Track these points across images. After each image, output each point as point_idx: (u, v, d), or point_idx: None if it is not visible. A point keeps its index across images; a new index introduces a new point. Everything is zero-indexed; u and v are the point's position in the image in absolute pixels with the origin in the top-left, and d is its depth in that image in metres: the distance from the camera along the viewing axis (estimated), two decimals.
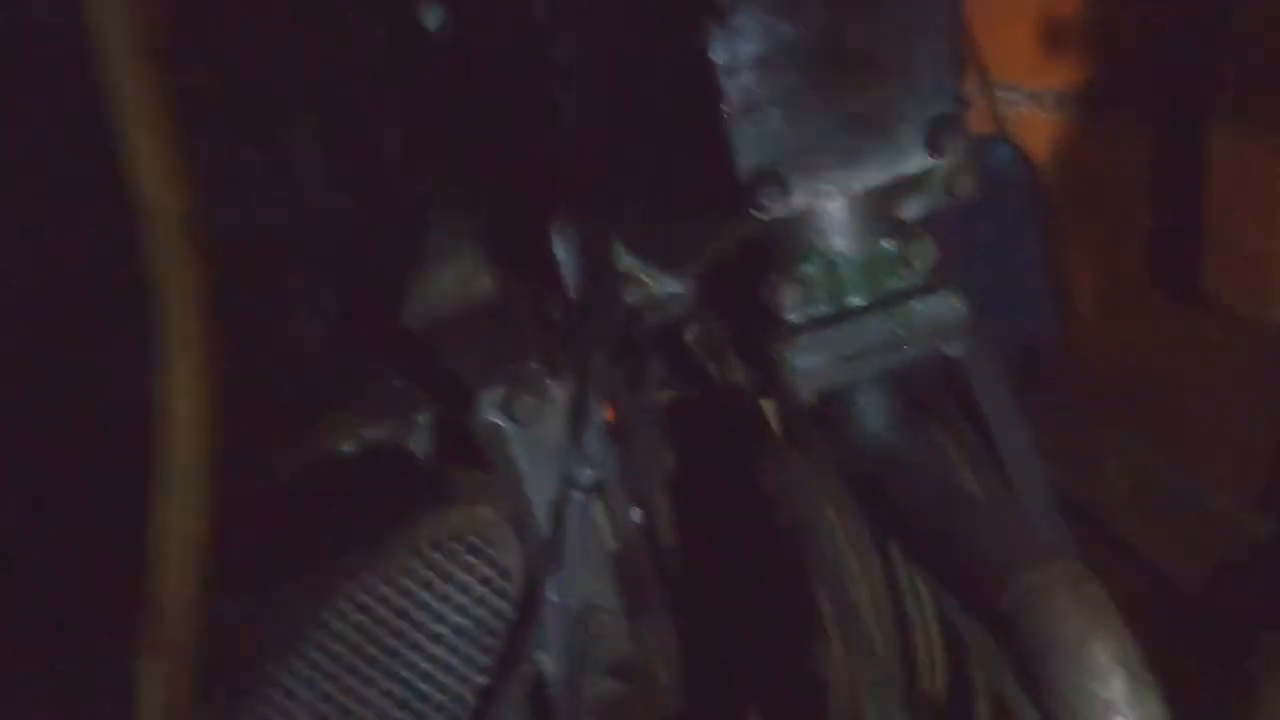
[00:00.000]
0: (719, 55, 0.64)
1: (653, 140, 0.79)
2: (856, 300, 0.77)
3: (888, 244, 0.76)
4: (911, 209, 0.89)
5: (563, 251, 0.90)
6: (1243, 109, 1.39)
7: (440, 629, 0.58)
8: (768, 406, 1.13)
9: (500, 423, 0.77)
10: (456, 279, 0.97)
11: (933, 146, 0.68)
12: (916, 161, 0.68)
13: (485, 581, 0.58)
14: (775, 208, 0.67)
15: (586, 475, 0.57)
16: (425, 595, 0.57)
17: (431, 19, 0.91)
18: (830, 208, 0.74)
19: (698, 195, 0.75)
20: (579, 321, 0.58)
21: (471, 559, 0.57)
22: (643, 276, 0.88)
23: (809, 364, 0.75)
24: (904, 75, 0.66)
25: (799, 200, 0.68)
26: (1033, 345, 2.28)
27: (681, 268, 0.88)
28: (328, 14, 0.90)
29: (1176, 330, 1.73)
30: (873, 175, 0.69)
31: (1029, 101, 2.22)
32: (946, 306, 0.76)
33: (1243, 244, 1.43)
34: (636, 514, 0.89)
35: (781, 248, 0.76)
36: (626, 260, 0.88)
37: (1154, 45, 1.68)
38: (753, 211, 0.67)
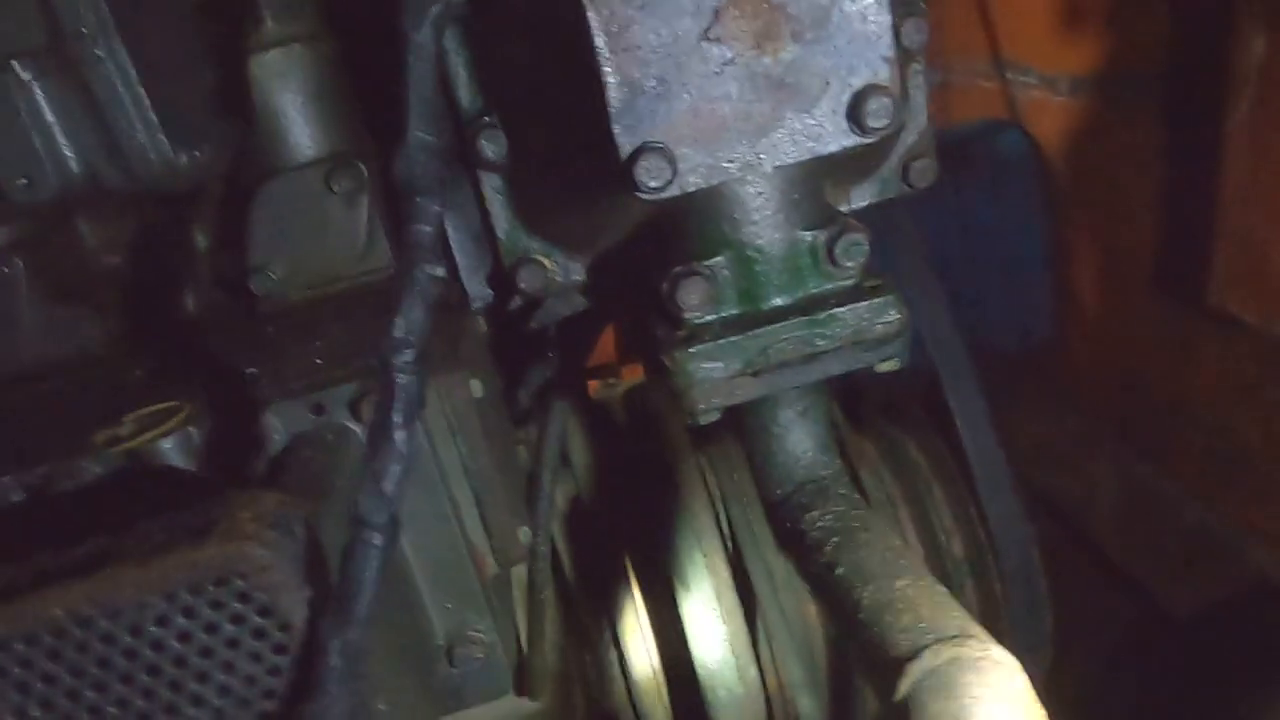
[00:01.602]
0: None
1: (548, 106, 0.67)
2: (774, 302, 0.65)
3: (814, 238, 0.64)
4: (860, 197, 0.78)
5: (452, 224, 0.79)
6: (1262, 101, 1.25)
7: (203, 690, 0.47)
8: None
9: (350, 425, 0.66)
10: (345, 252, 0.86)
11: (856, 122, 0.55)
12: (836, 138, 0.56)
13: (258, 634, 0.47)
14: (659, 189, 0.55)
15: (381, 513, 0.46)
16: (181, 649, 0.46)
17: None
18: (744, 192, 0.62)
19: (590, 170, 0.64)
20: (392, 306, 0.46)
21: (239, 606, 0.46)
22: (544, 260, 0.77)
23: (710, 374, 0.63)
24: (825, 32, 0.54)
25: (689, 180, 0.55)
26: (1029, 337, 2.16)
27: (586, 253, 0.77)
28: None
29: (1179, 337, 1.59)
30: (784, 154, 0.56)
31: (1043, 84, 2.07)
32: (879, 314, 0.63)
33: (1254, 251, 1.29)
34: (525, 534, 0.78)
35: (687, 236, 0.64)
36: (527, 242, 0.77)
37: (1175, 23, 1.54)
38: (636, 192, 0.55)
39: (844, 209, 0.77)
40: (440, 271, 0.48)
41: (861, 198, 0.76)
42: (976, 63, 2.30)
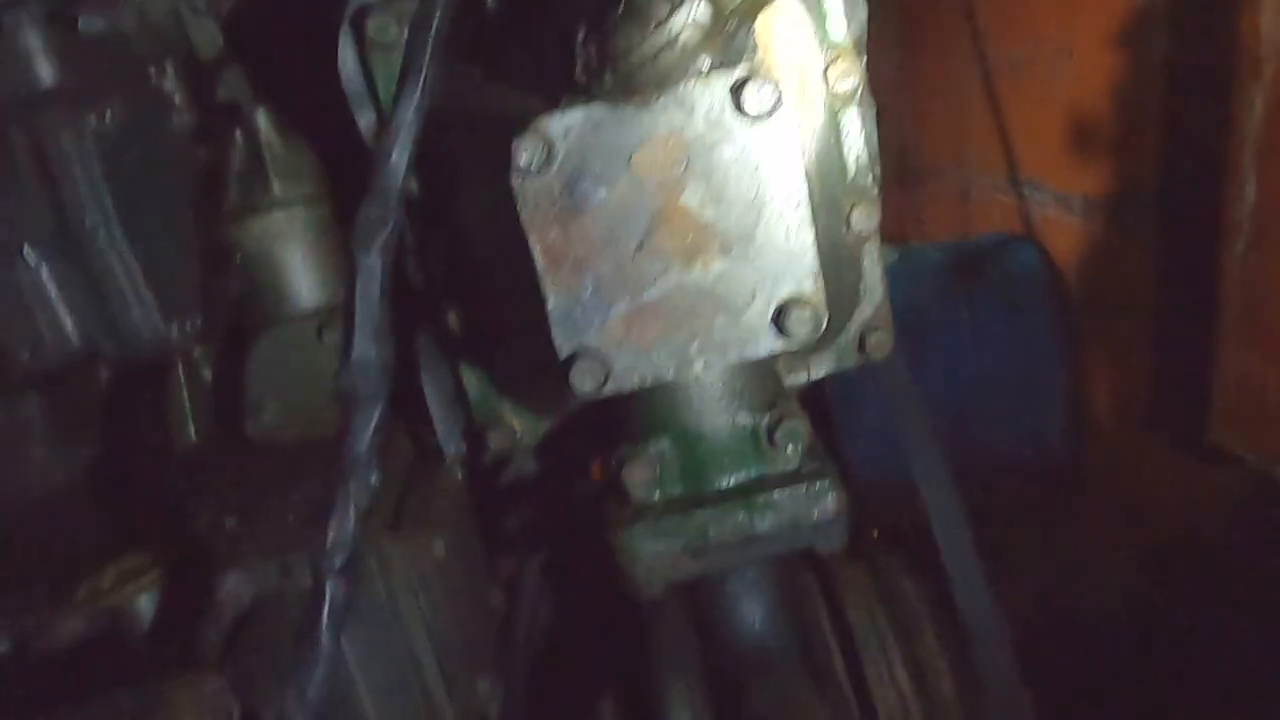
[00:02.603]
0: (522, 197, 0.56)
1: (508, 288, 0.71)
2: (717, 483, 0.67)
3: (755, 422, 0.67)
4: (819, 368, 0.81)
5: (429, 385, 0.83)
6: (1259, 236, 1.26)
7: None
8: None
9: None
10: (333, 398, 0.91)
11: (782, 329, 0.59)
12: (764, 343, 0.59)
13: None
14: (593, 391, 0.58)
15: (309, 698, 0.48)
16: None
17: None
18: (685, 380, 0.66)
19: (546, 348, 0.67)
20: (324, 513, 0.50)
21: None
22: (513, 421, 0.80)
23: (654, 551, 0.66)
24: (751, 250, 0.58)
25: (623, 382, 0.59)
26: (1045, 454, 2.13)
27: (550, 416, 0.80)
28: None
29: (1187, 468, 1.58)
30: (715, 356, 0.59)
31: (1057, 203, 2.09)
32: (816, 499, 0.65)
33: (1252, 392, 1.28)
34: (485, 686, 0.81)
35: (632, 418, 0.68)
36: (496, 404, 0.81)
37: (1175, 153, 1.57)
38: (573, 392, 0.59)
39: (804, 378, 0.80)
40: (375, 480, 0.51)
41: (820, 368, 0.79)
42: (995, 177, 2.34)
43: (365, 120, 0.74)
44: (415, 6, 0.68)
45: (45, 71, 0.67)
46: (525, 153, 0.54)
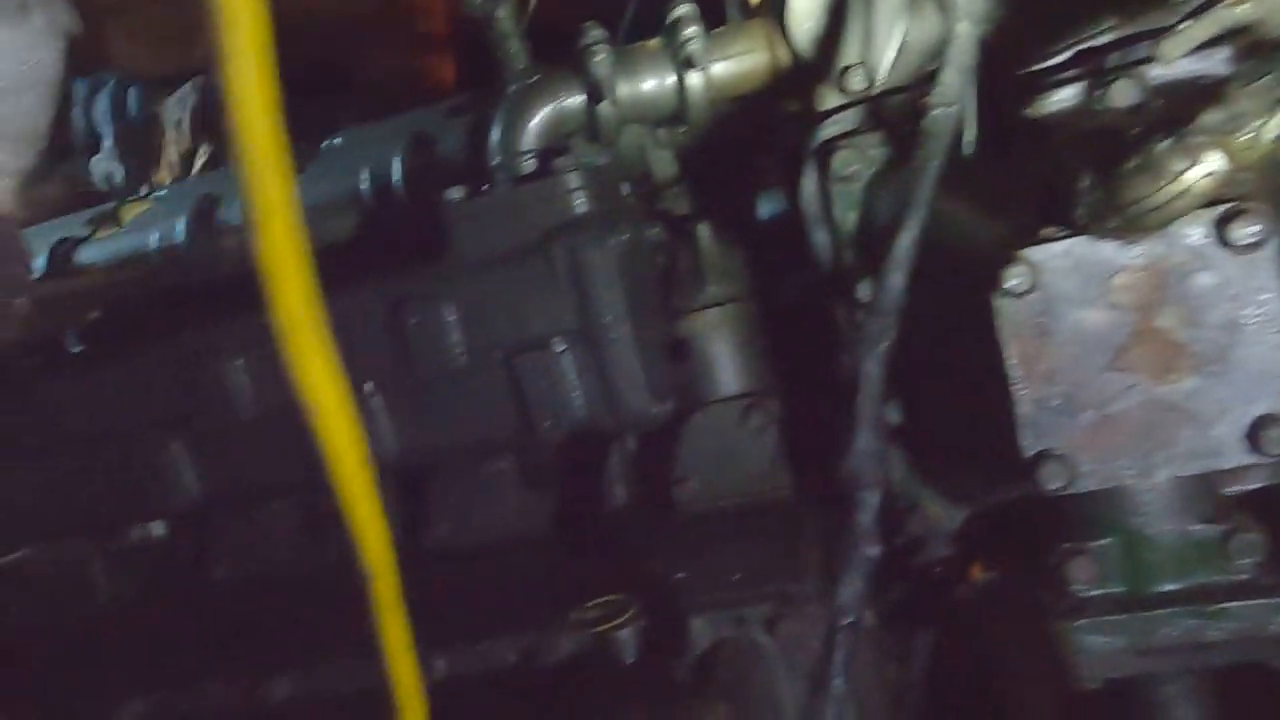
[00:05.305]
0: (1003, 315, 0.64)
1: (956, 385, 0.79)
2: (1160, 587, 0.70)
3: (1205, 532, 0.69)
4: (1254, 481, 0.80)
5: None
6: None
7: None
8: None
9: (761, 639, 0.80)
10: (751, 473, 1.02)
11: (1254, 445, 0.61)
12: (1233, 458, 0.62)
13: None
14: (1058, 489, 0.64)
15: None
16: None
17: None
18: (1136, 487, 0.69)
19: (989, 449, 0.74)
20: (836, 579, 0.60)
21: None
22: (933, 506, 0.88)
23: (1098, 646, 0.69)
24: (1225, 369, 0.62)
25: (1085, 484, 0.64)
26: None
27: (969, 506, 0.86)
28: None
29: None
30: (1178, 467, 0.63)
31: None
32: (1276, 613, 0.66)
33: None
34: None
35: (1078, 518, 0.72)
36: (919, 490, 0.88)
37: None
38: (1036, 489, 0.65)
39: (1238, 489, 0.80)
40: (876, 552, 0.60)
41: (1255, 481, 0.79)
42: None
43: (818, 239, 0.87)
44: (876, 144, 0.80)
45: (579, 202, 0.86)
46: (1013, 279, 0.62)
